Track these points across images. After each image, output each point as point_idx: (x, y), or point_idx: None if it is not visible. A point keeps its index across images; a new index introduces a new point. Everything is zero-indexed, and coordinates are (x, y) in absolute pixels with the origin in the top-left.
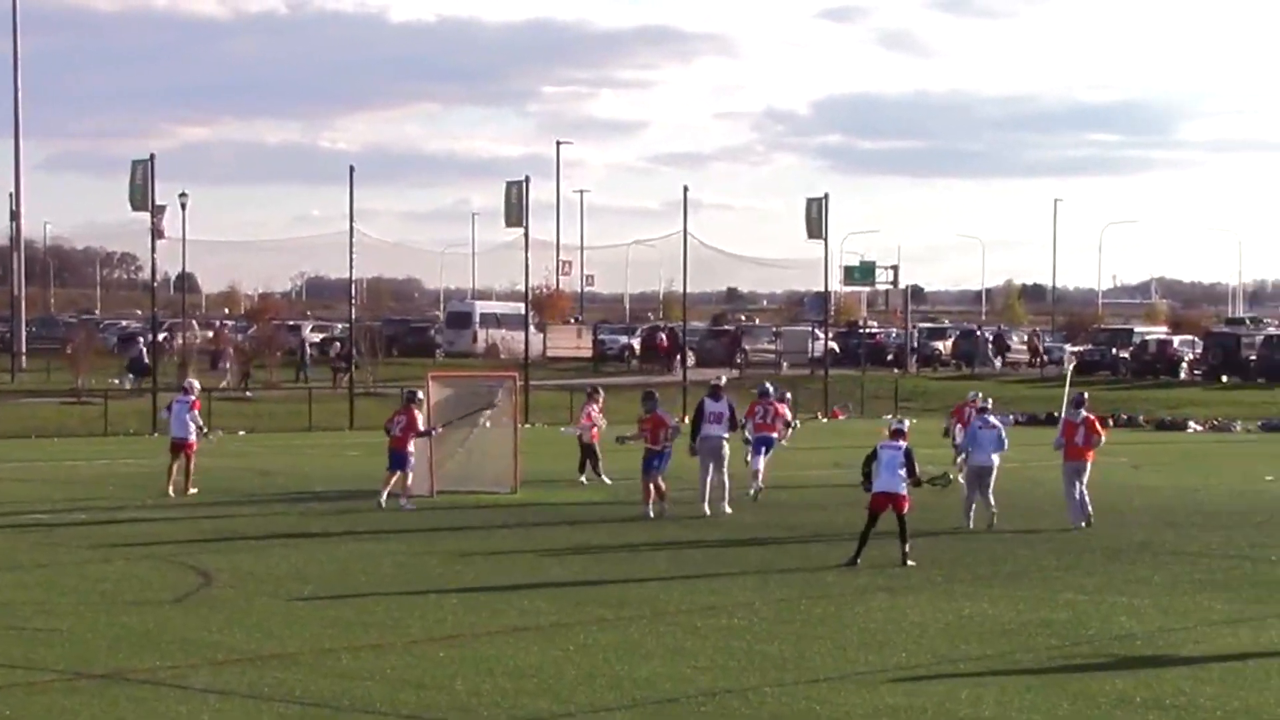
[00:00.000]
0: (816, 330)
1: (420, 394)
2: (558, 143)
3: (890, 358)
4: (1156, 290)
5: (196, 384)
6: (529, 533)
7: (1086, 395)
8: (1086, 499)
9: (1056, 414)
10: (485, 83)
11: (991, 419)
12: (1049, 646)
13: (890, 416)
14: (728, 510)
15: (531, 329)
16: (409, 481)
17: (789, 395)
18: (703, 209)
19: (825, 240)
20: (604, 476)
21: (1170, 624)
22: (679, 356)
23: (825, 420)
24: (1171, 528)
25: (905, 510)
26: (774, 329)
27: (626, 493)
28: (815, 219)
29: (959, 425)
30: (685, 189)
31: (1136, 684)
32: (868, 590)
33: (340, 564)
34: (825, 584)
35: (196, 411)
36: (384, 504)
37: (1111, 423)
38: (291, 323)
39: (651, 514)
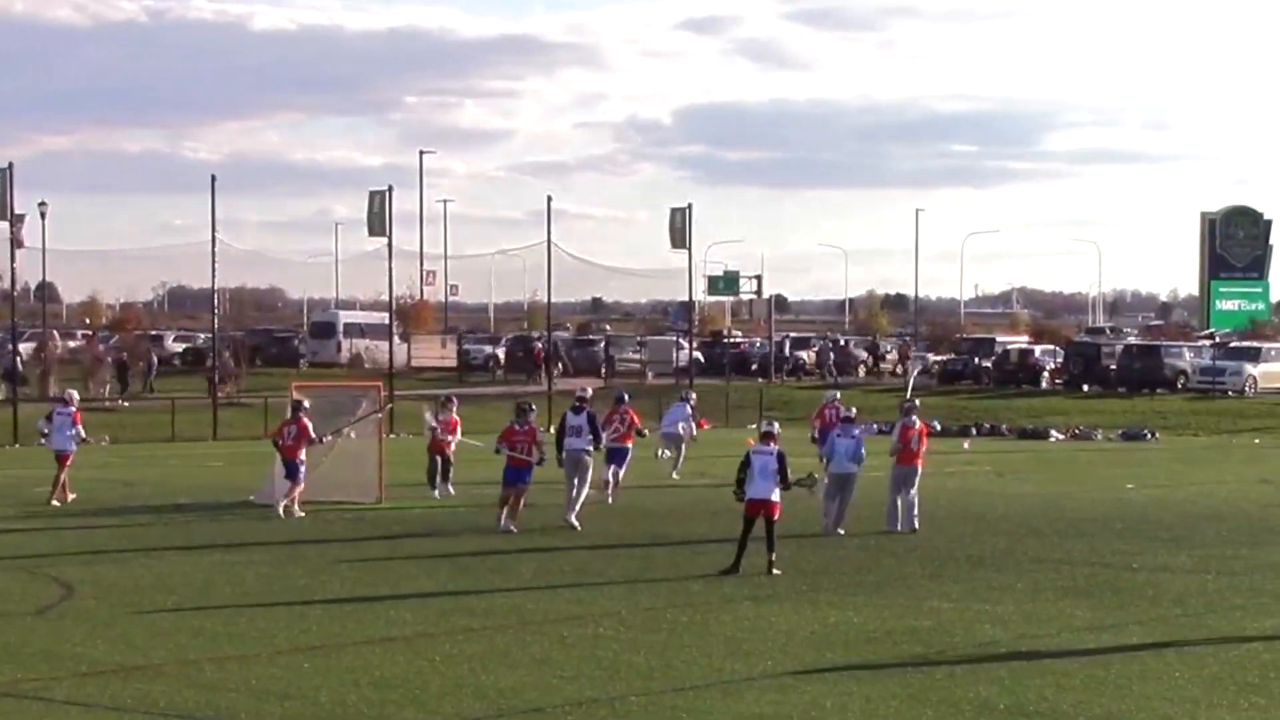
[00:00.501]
0: (681, 340)
1: (308, 403)
2: (421, 152)
3: (754, 367)
4: (1018, 300)
5: (76, 395)
6: (394, 542)
7: (919, 403)
8: (915, 506)
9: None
10: (347, 92)
11: (855, 430)
12: (914, 654)
13: (757, 426)
14: (574, 524)
15: (396, 339)
16: (299, 490)
17: (693, 397)
18: (567, 218)
19: (689, 250)
20: (450, 486)
21: (1033, 631)
22: (561, 365)
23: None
24: (1034, 535)
25: (776, 517)
26: (639, 339)
27: (491, 502)
28: (679, 229)
29: (819, 425)
30: (549, 199)
31: (1000, 691)
32: (734, 599)
33: (204, 575)
34: (691, 593)
35: (80, 427)
36: (282, 513)
37: (975, 431)
38: (154, 332)
39: (502, 528)
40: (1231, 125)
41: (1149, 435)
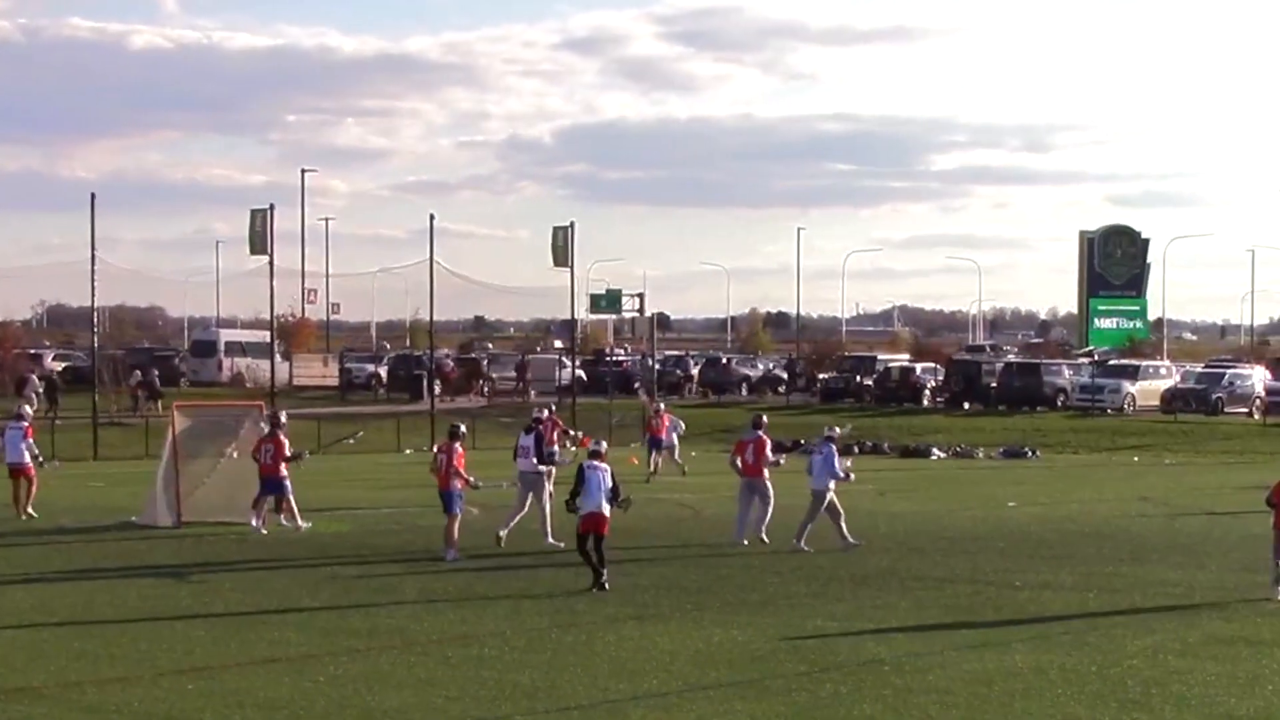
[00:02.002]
0: (563, 358)
1: (284, 417)
2: (302, 170)
3: (637, 385)
4: (899, 318)
5: (29, 409)
6: (278, 563)
7: (765, 418)
8: (765, 519)
9: (804, 440)
10: (227, 111)
11: (825, 448)
12: (798, 673)
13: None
14: (552, 543)
15: (278, 358)
16: (293, 504)
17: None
18: (449, 237)
19: (571, 268)
20: (283, 517)
21: (917, 649)
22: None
23: (575, 449)
24: (917, 554)
25: (605, 532)
26: (521, 356)
27: (375, 522)
28: (561, 247)
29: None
30: (432, 217)
31: (884, 709)
32: (618, 619)
33: (86, 596)
34: (576, 612)
35: (31, 439)
36: (262, 530)
37: (857, 450)
38: (33, 351)
39: (451, 556)
40: (1109, 146)
41: (1029, 453)
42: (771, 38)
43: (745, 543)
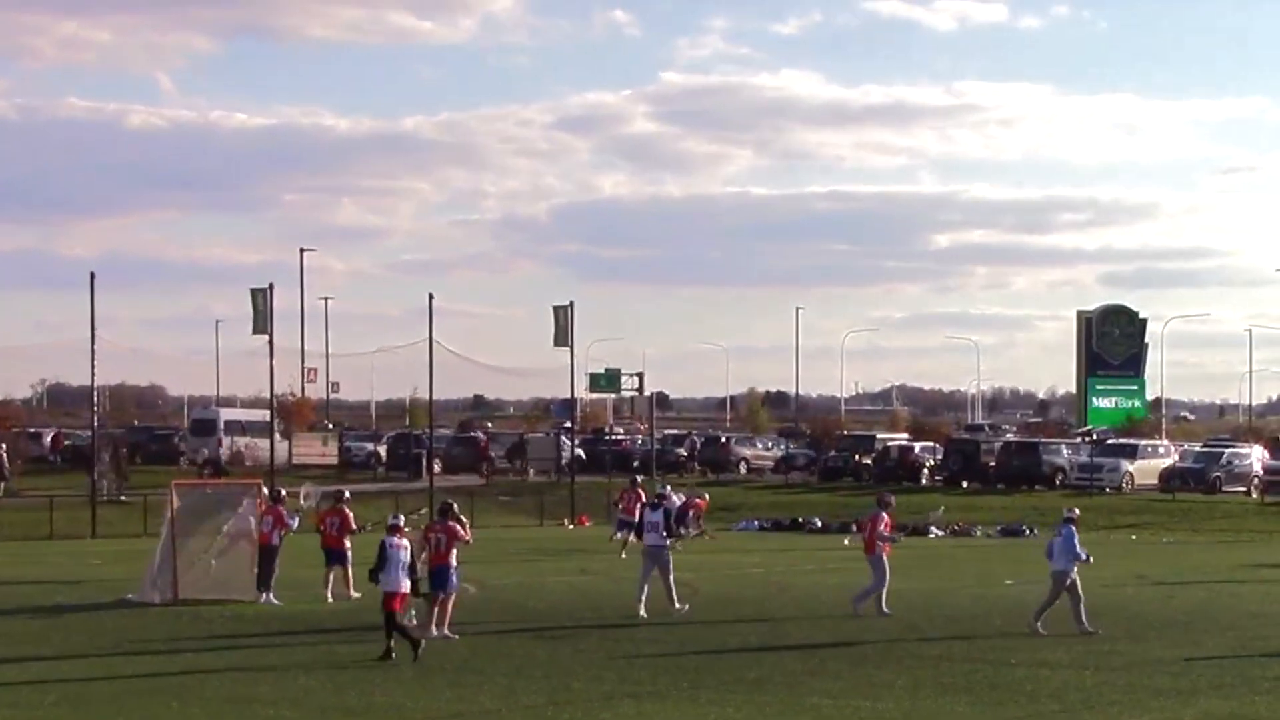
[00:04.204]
0: (563, 437)
1: (348, 493)
2: (301, 250)
3: (636, 464)
4: (897, 397)
5: None
6: (274, 640)
7: (891, 497)
8: (874, 592)
9: (801, 519)
10: (224, 190)
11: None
12: None
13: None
14: (679, 608)
15: (277, 436)
16: (349, 574)
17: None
18: (447, 316)
19: (571, 348)
20: (271, 594)
21: None
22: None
23: (572, 527)
24: (914, 631)
25: (403, 604)
26: (521, 435)
27: (370, 598)
28: (562, 326)
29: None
30: (430, 296)
31: None
32: (614, 696)
33: (82, 674)
34: (572, 690)
35: None
36: (332, 598)
37: (855, 529)
38: (33, 430)
39: (433, 632)
40: (1105, 226)
41: (1028, 531)
42: (766, 117)
43: (859, 612)
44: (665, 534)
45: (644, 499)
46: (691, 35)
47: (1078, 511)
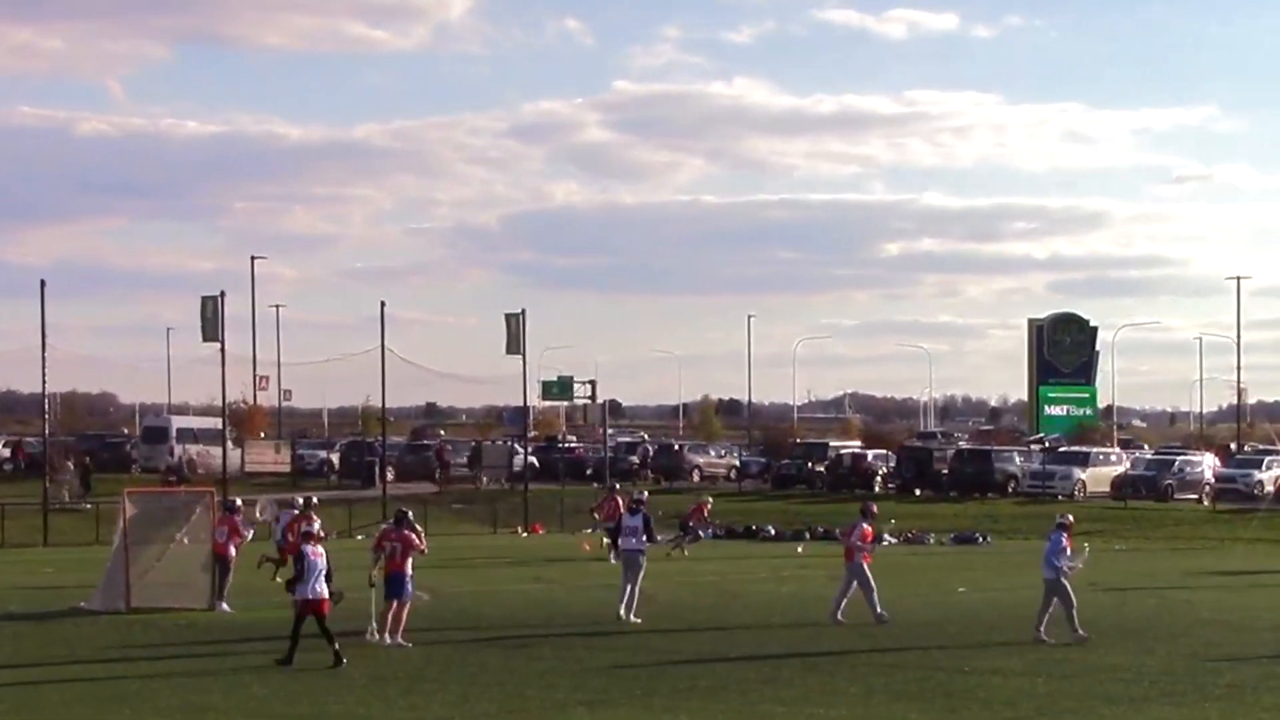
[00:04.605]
0: (516, 445)
1: (410, 514)
2: (252, 257)
3: (589, 471)
4: (850, 405)
5: None
6: (227, 648)
7: (874, 506)
8: (867, 600)
9: (754, 527)
10: (175, 197)
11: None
12: None
13: (593, 530)
14: (633, 619)
15: (229, 444)
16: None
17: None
18: (399, 323)
19: (524, 356)
20: (225, 602)
21: None
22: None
23: (526, 535)
24: (867, 639)
25: (325, 613)
26: (473, 443)
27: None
28: (514, 334)
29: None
30: (383, 304)
31: None
32: (567, 704)
33: (33, 683)
34: (526, 698)
35: None
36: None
37: (808, 536)
38: None
39: (387, 640)
40: (1055, 235)
41: (980, 539)
42: (718, 125)
43: (840, 622)
44: (645, 539)
45: (622, 506)
46: (644, 43)
47: (1070, 518)
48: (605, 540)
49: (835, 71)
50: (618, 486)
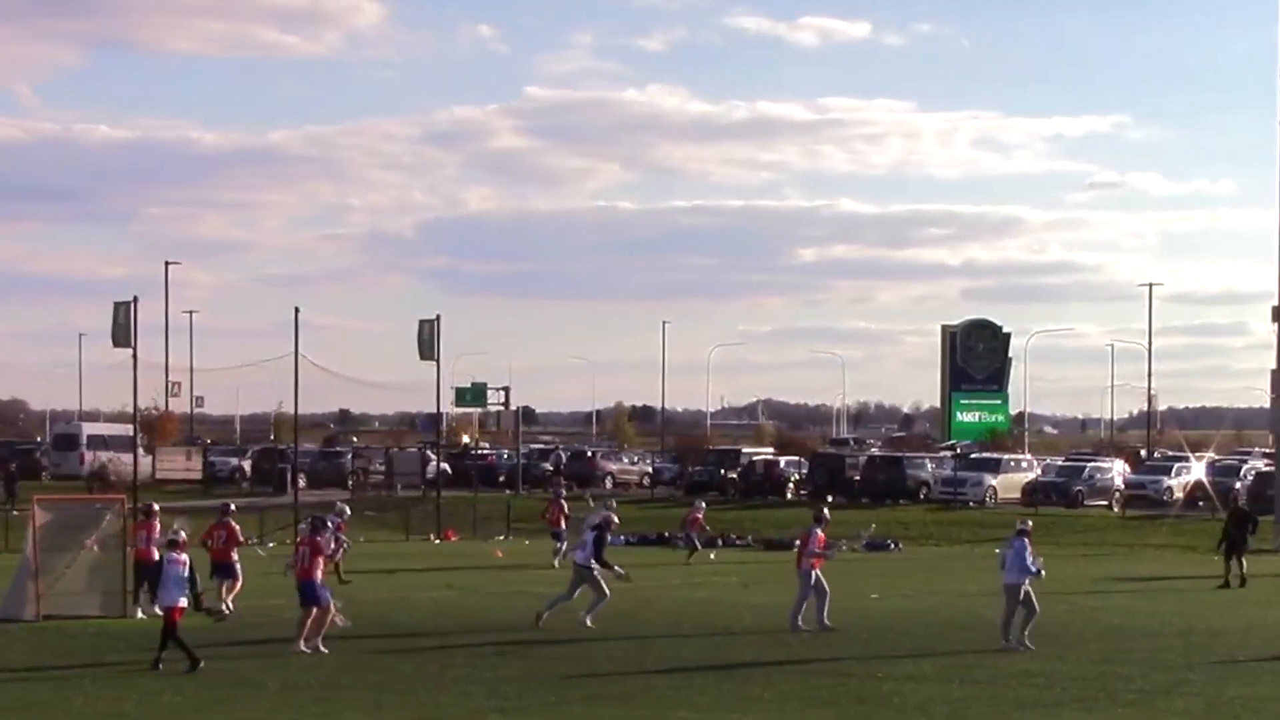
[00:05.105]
0: (429, 451)
1: (328, 520)
2: (166, 263)
3: (502, 479)
4: (763, 412)
5: None
6: (142, 657)
7: (826, 512)
8: (813, 606)
9: (667, 534)
10: (87, 202)
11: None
12: None
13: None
14: (588, 623)
15: (140, 451)
16: (238, 588)
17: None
18: (313, 330)
19: (437, 362)
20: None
21: None
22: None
23: (439, 541)
24: (781, 645)
25: (178, 620)
26: (385, 450)
27: (235, 614)
28: (427, 340)
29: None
30: (296, 310)
31: None
32: (481, 711)
33: None
34: (440, 705)
35: None
36: (226, 609)
37: (720, 543)
38: None
39: (302, 646)
40: (968, 241)
41: (892, 545)
42: (632, 132)
43: (800, 629)
44: (593, 555)
45: (566, 511)
46: (557, 50)
47: (1030, 524)
48: (557, 546)
49: (748, 78)
50: (563, 492)
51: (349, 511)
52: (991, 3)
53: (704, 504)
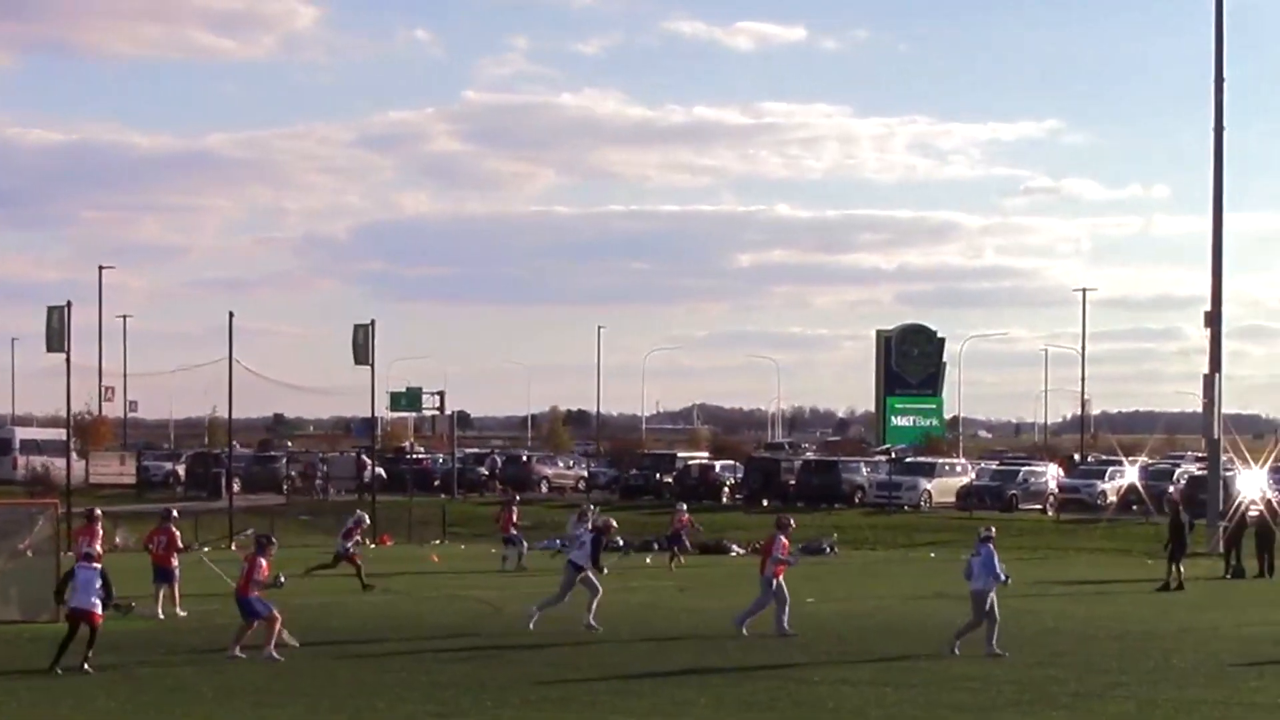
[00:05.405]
0: (364, 456)
1: (176, 512)
2: (100, 267)
3: (437, 483)
4: (698, 416)
5: None
6: (73, 662)
7: (790, 520)
8: (762, 612)
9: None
10: (21, 206)
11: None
12: None
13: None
14: (594, 625)
15: (74, 455)
16: (176, 594)
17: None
18: (248, 334)
19: (372, 366)
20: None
21: None
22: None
23: (374, 546)
24: (717, 649)
25: (97, 624)
26: (320, 455)
27: (170, 618)
28: (362, 345)
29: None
30: (231, 315)
31: None
32: (417, 716)
33: None
34: (376, 710)
35: None
36: (162, 615)
37: (657, 547)
38: None
39: (236, 651)
40: (902, 246)
41: (828, 549)
42: (569, 136)
43: (744, 633)
44: (591, 557)
45: (514, 517)
46: (494, 54)
47: (994, 530)
48: (505, 551)
49: (685, 83)
50: (516, 497)
51: (368, 520)
52: (927, 8)
53: (684, 506)
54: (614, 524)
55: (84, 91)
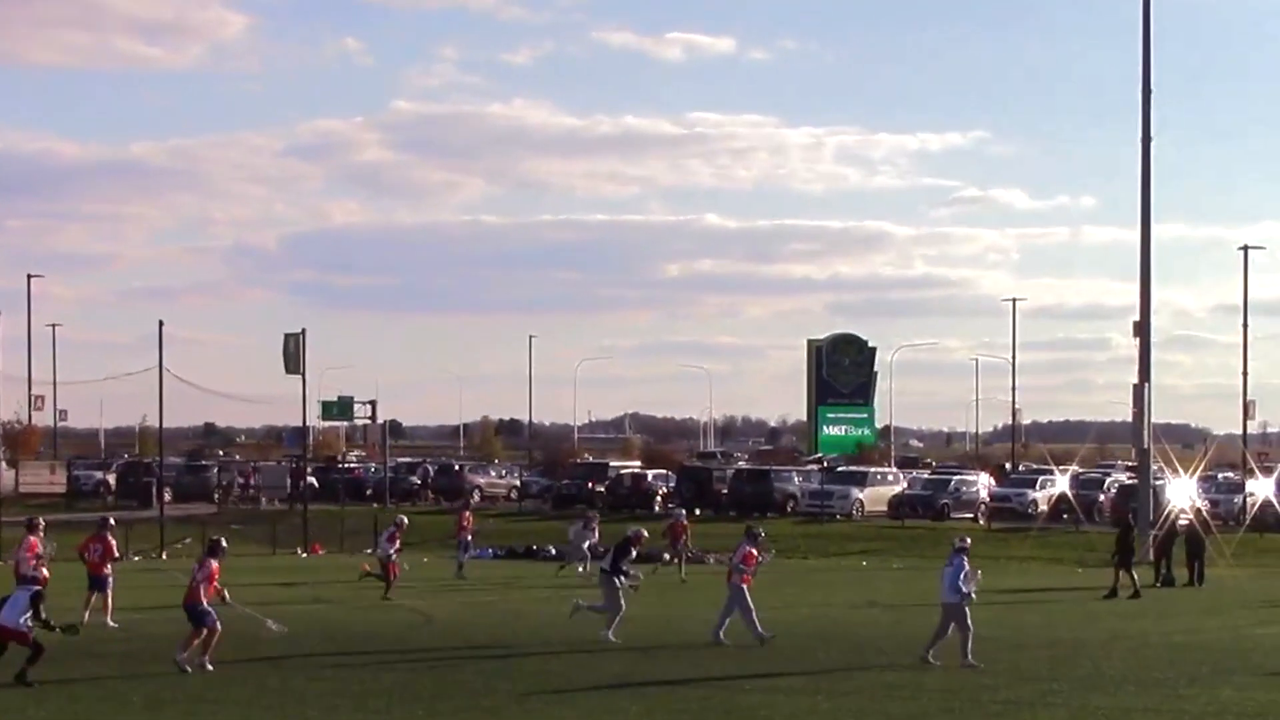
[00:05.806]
0: (296, 464)
1: (113, 520)
2: (28, 276)
3: (369, 492)
4: (630, 425)
5: None
6: (4, 672)
7: (759, 531)
8: (738, 622)
9: (535, 547)
10: None
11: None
12: None
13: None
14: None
15: (3, 464)
16: (109, 602)
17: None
18: (177, 343)
19: (303, 375)
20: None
21: None
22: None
23: (305, 555)
24: (649, 659)
25: (28, 643)
26: (251, 464)
27: (100, 627)
28: (293, 354)
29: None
30: (160, 323)
31: None
32: None
33: None
34: (306, 718)
35: None
36: (111, 624)
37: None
38: None
39: (181, 655)
40: (832, 256)
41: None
42: (497, 146)
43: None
44: (612, 564)
45: (468, 522)
46: (423, 64)
47: (969, 541)
48: (463, 558)
49: (615, 93)
50: (471, 503)
51: (406, 521)
52: (855, 19)
53: (684, 511)
54: (644, 534)
55: (9, 100)
